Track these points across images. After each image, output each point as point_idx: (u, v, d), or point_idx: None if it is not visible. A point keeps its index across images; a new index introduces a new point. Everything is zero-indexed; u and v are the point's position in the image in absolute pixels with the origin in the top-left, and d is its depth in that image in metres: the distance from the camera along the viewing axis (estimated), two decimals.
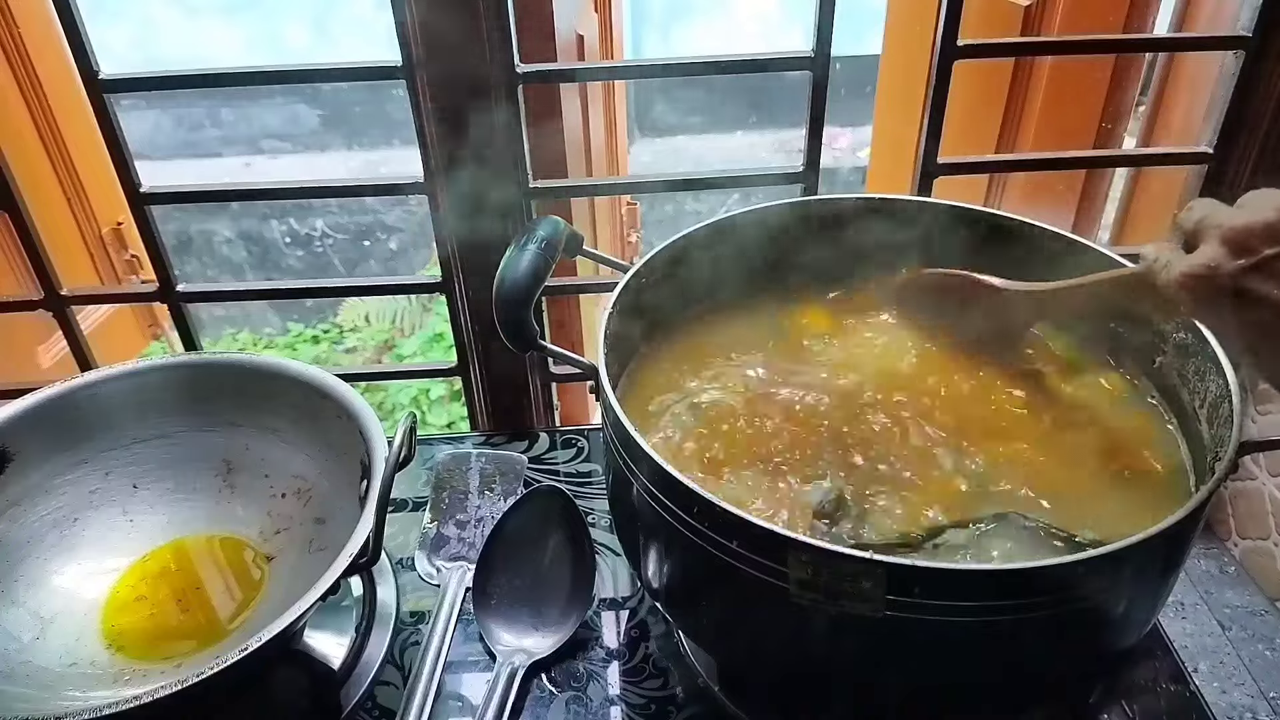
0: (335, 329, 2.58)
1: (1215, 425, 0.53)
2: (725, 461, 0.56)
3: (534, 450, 0.83)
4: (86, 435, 0.68)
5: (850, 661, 0.49)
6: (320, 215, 3.02)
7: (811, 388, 0.62)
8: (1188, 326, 0.56)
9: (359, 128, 3.36)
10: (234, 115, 3.36)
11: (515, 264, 0.59)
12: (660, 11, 3.58)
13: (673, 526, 0.48)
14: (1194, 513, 0.45)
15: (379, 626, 0.67)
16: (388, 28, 0.68)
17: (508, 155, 0.75)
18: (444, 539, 0.73)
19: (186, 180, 0.80)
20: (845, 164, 3.36)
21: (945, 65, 0.73)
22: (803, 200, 0.70)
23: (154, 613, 0.64)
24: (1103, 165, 1.17)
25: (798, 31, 3.38)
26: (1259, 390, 0.74)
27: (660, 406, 0.61)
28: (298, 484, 0.69)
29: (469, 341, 0.85)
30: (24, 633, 0.61)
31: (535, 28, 0.84)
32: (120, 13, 3.16)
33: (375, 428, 0.62)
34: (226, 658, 0.48)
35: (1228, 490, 0.77)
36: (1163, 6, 1.16)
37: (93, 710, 0.46)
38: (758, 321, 0.69)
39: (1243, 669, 1.03)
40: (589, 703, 0.62)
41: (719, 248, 0.68)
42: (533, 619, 0.65)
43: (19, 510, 0.65)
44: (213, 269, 3.04)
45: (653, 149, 3.61)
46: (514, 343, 0.59)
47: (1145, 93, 1.20)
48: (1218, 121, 0.76)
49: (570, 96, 0.97)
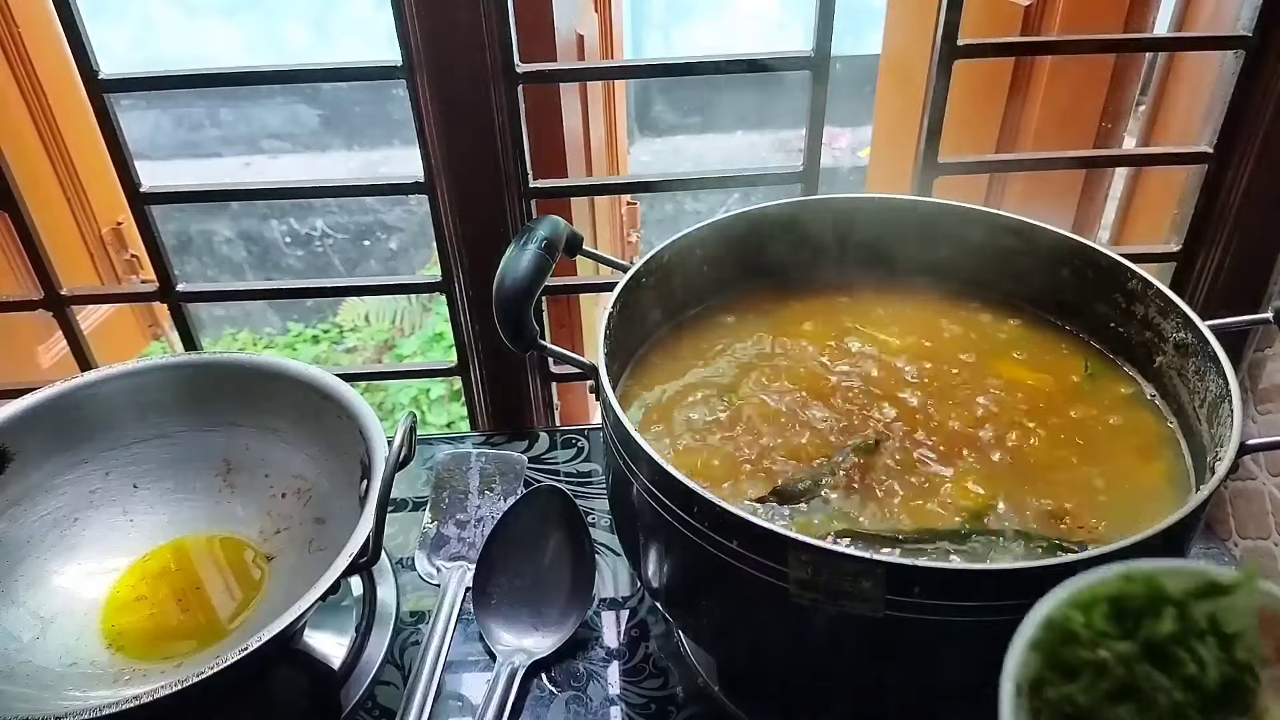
0: (335, 329, 2.58)
1: (1215, 425, 0.53)
2: (725, 461, 0.56)
3: (534, 450, 0.83)
4: (86, 435, 0.68)
5: (850, 661, 0.49)
6: (320, 215, 3.02)
7: (813, 387, 0.62)
8: (1187, 325, 0.57)
9: (359, 128, 3.37)
10: (234, 115, 3.36)
11: (515, 264, 0.59)
12: (660, 11, 3.58)
13: (673, 526, 0.48)
14: (1194, 513, 0.45)
15: (379, 626, 0.67)
16: (388, 28, 0.68)
17: (508, 155, 0.75)
18: (444, 539, 0.73)
19: (186, 180, 0.80)
20: (845, 164, 3.36)
21: (945, 65, 0.73)
22: (802, 200, 0.70)
23: (154, 613, 0.64)
24: (1103, 165, 1.17)
25: (798, 31, 3.38)
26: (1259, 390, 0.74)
27: (661, 406, 0.61)
28: (298, 484, 0.69)
29: (469, 341, 0.85)
30: (24, 633, 0.61)
31: (535, 28, 0.84)
32: (120, 13, 3.16)
33: (375, 428, 0.62)
34: (226, 658, 0.48)
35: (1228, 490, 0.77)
36: (1163, 6, 1.15)
37: (93, 710, 0.46)
38: (758, 322, 0.69)
39: None
40: (589, 703, 0.62)
41: (719, 247, 0.68)
42: (533, 619, 0.65)
43: (19, 510, 0.65)
44: (213, 269, 3.04)
45: (653, 149, 3.61)
46: (514, 343, 0.59)
47: (1145, 92, 1.20)
48: (1218, 121, 0.76)
49: (570, 96, 0.97)
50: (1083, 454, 0.56)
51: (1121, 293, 0.62)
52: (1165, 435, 0.58)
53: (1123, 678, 0.31)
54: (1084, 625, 0.32)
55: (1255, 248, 0.80)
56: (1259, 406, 0.74)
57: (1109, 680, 0.31)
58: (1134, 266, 0.61)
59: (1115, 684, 0.31)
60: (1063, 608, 0.33)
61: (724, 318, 0.69)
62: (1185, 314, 0.57)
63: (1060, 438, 0.57)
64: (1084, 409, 0.60)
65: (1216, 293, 0.82)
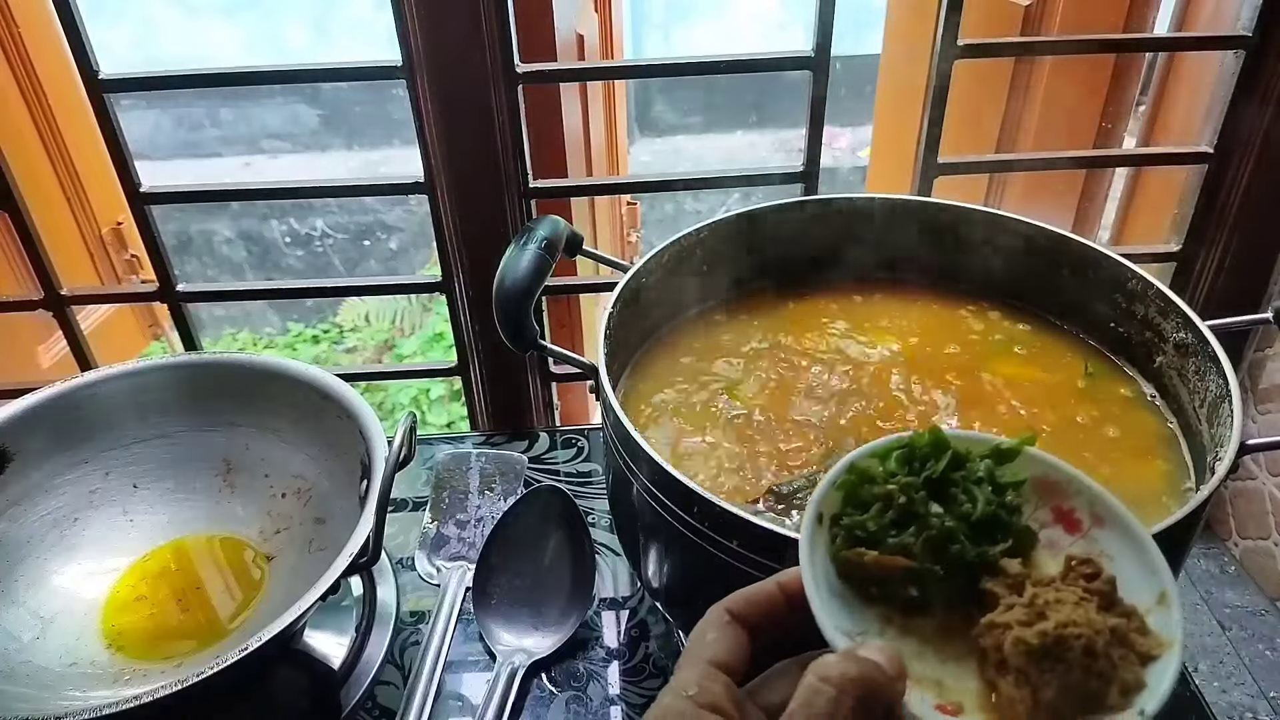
0: (335, 329, 2.58)
1: (1215, 425, 0.53)
2: (725, 461, 0.56)
3: (534, 450, 0.83)
4: (86, 435, 0.68)
5: None
6: (320, 215, 3.02)
7: (812, 387, 0.62)
8: (1187, 325, 0.57)
9: (359, 128, 3.36)
10: (234, 115, 3.36)
11: (515, 264, 0.59)
12: (660, 11, 3.58)
13: (673, 526, 0.48)
14: (1194, 513, 0.45)
15: (379, 626, 0.67)
16: (388, 28, 0.68)
17: (508, 155, 0.75)
18: (444, 539, 0.73)
19: (186, 180, 0.80)
20: (845, 164, 3.36)
21: (945, 65, 0.73)
22: (802, 200, 0.70)
23: (154, 612, 0.64)
24: (1103, 165, 1.17)
25: (798, 31, 3.38)
26: (1259, 390, 0.74)
27: (661, 406, 0.61)
28: (298, 484, 0.69)
29: (469, 341, 0.85)
30: (24, 633, 0.61)
31: (535, 28, 0.84)
32: (120, 13, 3.16)
33: (375, 428, 0.62)
34: (226, 658, 0.48)
35: (1228, 490, 0.77)
36: (1163, 6, 1.16)
37: (93, 710, 0.46)
38: (758, 322, 0.69)
39: (1243, 669, 1.03)
40: (589, 702, 0.62)
41: (719, 247, 0.68)
42: (533, 619, 0.65)
43: (19, 510, 0.65)
44: (213, 269, 3.04)
45: (653, 149, 3.61)
46: (514, 343, 0.59)
47: (1145, 92, 1.20)
48: (1218, 121, 0.76)
49: (570, 96, 0.97)
50: (1083, 453, 0.56)
51: (1121, 293, 0.62)
52: (1165, 435, 0.58)
53: (904, 506, 0.36)
54: (880, 469, 0.37)
55: (1255, 248, 0.80)
56: (1259, 406, 0.74)
57: (895, 510, 0.36)
58: (1134, 267, 0.61)
59: (899, 512, 0.36)
60: (865, 457, 0.38)
61: (724, 318, 0.69)
62: (1185, 314, 0.57)
63: (1060, 437, 0.57)
64: (1084, 409, 0.60)
65: (1216, 293, 0.82)
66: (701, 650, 0.33)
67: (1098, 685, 0.31)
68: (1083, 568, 0.34)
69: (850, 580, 0.35)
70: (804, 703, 0.29)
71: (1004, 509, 0.36)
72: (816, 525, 0.36)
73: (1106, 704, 0.31)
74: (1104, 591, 0.33)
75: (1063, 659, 0.31)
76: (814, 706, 0.29)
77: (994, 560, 0.35)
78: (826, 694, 0.29)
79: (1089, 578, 0.34)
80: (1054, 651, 0.31)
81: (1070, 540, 0.37)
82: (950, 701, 0.32)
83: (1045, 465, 0.38)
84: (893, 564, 0.35)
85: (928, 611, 0.35)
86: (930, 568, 0.35)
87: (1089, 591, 0.33)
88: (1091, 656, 0.31)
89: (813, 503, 0.36)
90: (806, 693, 0.30)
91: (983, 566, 0.35)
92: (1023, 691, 0.31)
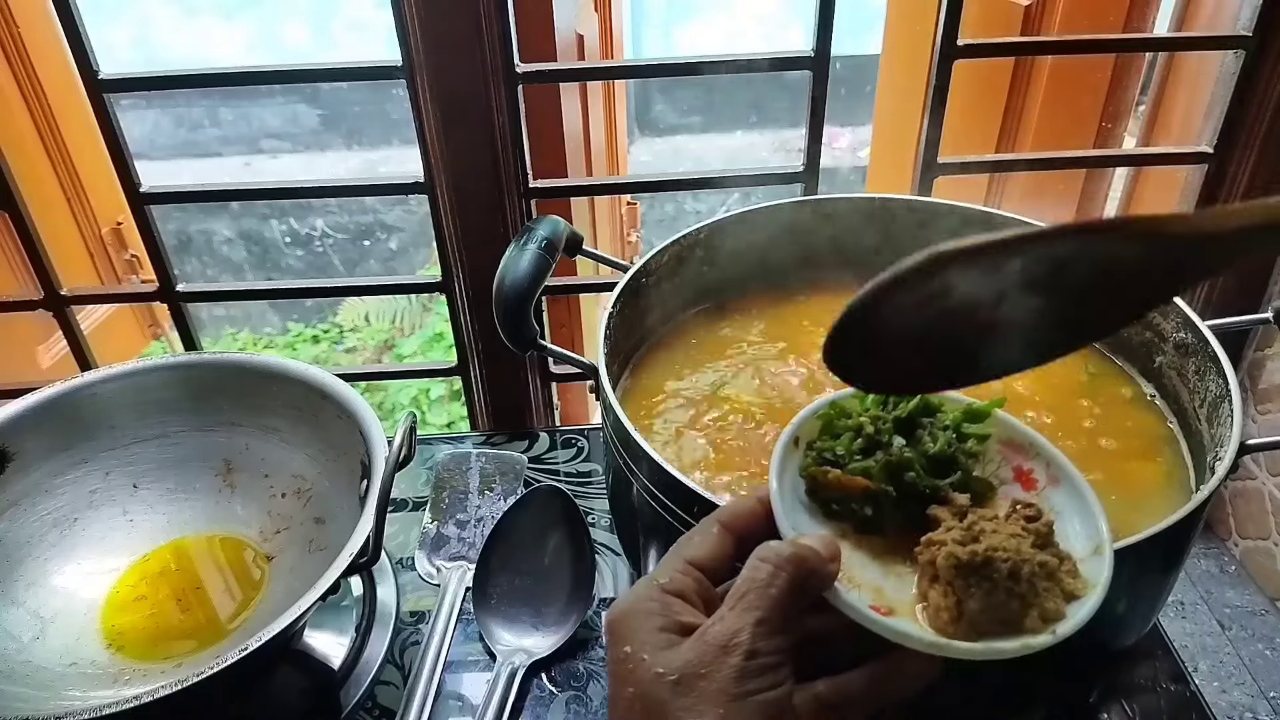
0: (335, 329, 2.58)
1: (1215, 425, 0.53)
2: (725, 462, 0.56)
3: (534, 450, 0.83)
4: (86, 435, 0.68)
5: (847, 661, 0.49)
6: (320, 215, 3.02)
7: (813, 387, 0.62)
8: (1187, 325, 0.57)
9: (359, 128, 3.36)
10: (234, 115, 3.36)
11: (515, 264, 0.59)
12: (660, 11, 3.58)
13: (673, 526, 0.48)
14: (1194, 513, 0.45)
15: (379, 626, 0.67)
16: (388, 28, 0.68)
17: (508, 155, 0.75)
18: (444, 539, 0.73)
19: (186, 180, 0.80)
20: (845, 164, 3.36)
21: (945, 65, 0.73)
22: (802, 200, 0.70)
23: (154, 612, 0.64)
24: (1103, 165, 1.17)
25: (798, 31, 3.38)
26: (1259, 390, 0.74)
27: (661, 406, 0.61)
28: (298, 484, 0.69)
29: (469, 341, 0.85)
30: (24, 633, 0.61)
31: (535, 28, 0.84)
32: (120, 13, 3.16)
33: (375, 428, 0.62)
34: (226, 658, 0.48)
35: (1228, 490, 0.77)
36: (1163, 6, 1.15)
37: (93, 710, 0.46)
38: (758, 322, 0.69)
39: (1243, 668, 1.03)
40: (589, 702, 0.62)
41: (719, 247, 0.68)
42: (533, 619, 0.65)
43: (19, 510, 0.65)
44: (213, 269, 3.04)
45: (653, 149, 3.61)
46: (514, 343, 0.59)
47: (1145, 93, 1.20)
48: (1218, 121, 0.76)
49: (570, 96, 0.97)
50: (1083, 453, 0.56)
51: None
52: (1165, 435, 0.58)
53: (871, 435, 0.41)
54: (859, 406, 0.42)
55: None
56: (1259, 406, 0.74)
57: (863, 439, 0.41)
58: None
59: (867, 441, 0.41)
60: (847, 397, 0.43)
61: (723, 318, 0.69)
62: (1185, 314, 0.57)
63: (1060, 437, 0.57)
64: (1084, 409, 0.60)
65: (1216, 293, 0.82)
66: (683, 549, 0.38)
67: (1019, 607, 0.34)
68: (1026, 510, 0.37)
69: (815, 497, 0.40)
70: (747, 577, 0.35)
71: (962, 453, 0.41)
72: (792, 447, 0.41)
73: (1025, 626, 0.34)
74: (1041, 532, 0.36)
75: (989, 577, 0.34)
76: (755, 581, 0.34)
77: (944, 492, 0.39)
78: (765, 569, 0.34)
79: (1030, 519, 0.37)
80: (981, 570, 0.34)
81: (1026, 498, 0.40)
82: (885, 605, 0.36)
83: (1010, 428, 0.42)
84: (852, 483, 0.39)
85: (880, 531, 0.39)
86: (885, 489, 0.39)
87: (1027, 530, 0.36)
88: (1015, 580, 0.34)
89: (791, 426, 0.41)
90: (750, 569, 0.35)
91: (934, 497, 0.39)
92: (949, 600, 0.35)
